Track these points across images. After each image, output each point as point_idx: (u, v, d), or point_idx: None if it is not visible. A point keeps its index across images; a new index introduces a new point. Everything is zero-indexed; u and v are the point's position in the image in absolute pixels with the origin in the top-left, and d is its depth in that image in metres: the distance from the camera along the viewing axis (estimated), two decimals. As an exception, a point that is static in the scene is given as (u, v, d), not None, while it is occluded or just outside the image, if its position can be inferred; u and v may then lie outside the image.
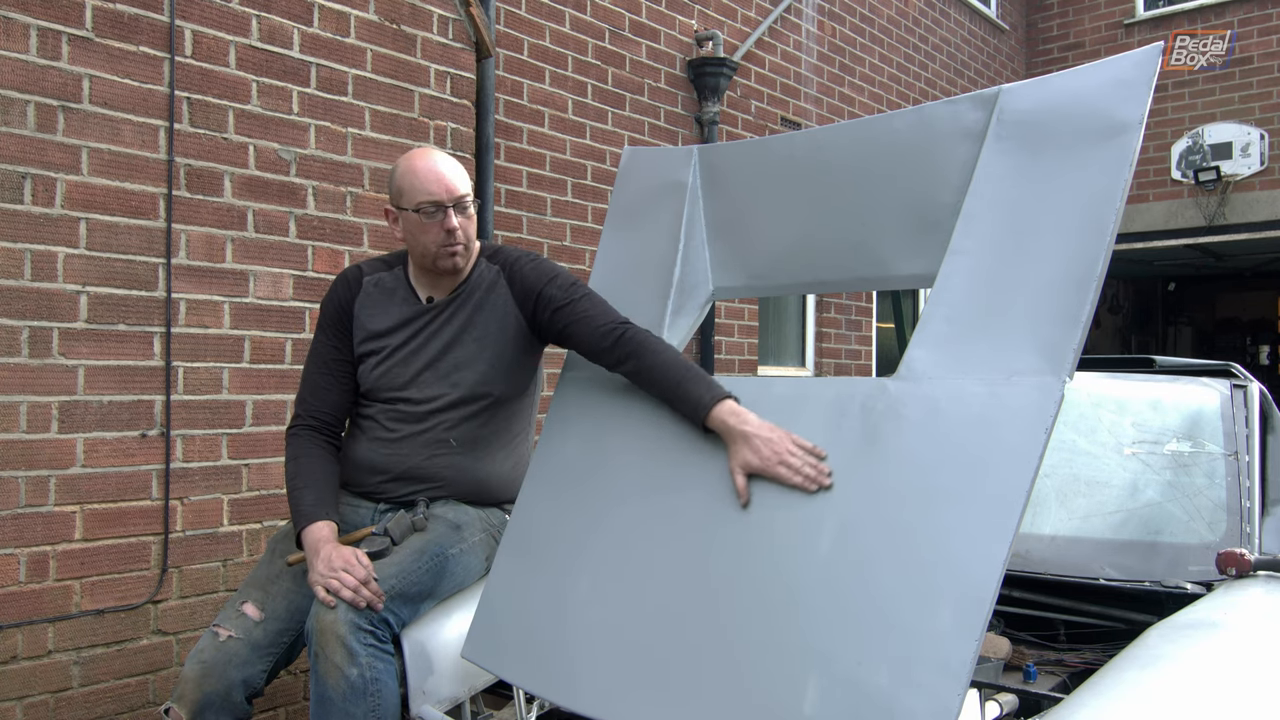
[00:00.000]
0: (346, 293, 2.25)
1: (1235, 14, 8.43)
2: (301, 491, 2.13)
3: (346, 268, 2.32)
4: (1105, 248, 1.53)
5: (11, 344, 2.73)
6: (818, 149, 2.03)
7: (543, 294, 2.15)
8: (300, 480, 2.15)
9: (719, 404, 1.83)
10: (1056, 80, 1.72)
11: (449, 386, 2.17)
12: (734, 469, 1.76)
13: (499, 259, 2.25)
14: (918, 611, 1.44)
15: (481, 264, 2.25)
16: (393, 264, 2.30)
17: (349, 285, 2.26)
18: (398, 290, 2.24)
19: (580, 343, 2.09)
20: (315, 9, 3.40)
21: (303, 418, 2.24)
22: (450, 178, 2.13)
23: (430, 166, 2.13)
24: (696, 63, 5.51)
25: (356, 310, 2.23)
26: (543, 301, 2.15)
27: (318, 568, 1.95)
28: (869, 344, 7.07)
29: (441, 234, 2.11)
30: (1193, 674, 1.60)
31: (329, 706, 1.85)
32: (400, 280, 2.26)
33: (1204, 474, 2.63)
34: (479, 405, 2.19)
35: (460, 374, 2.17)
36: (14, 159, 2.73)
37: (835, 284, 2.07)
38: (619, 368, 2.02)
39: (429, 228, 2.12)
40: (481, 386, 2.18)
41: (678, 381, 1.91)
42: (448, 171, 2.14)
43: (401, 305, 2.22)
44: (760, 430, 1.75)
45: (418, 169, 2.13)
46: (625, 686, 1.70)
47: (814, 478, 1.66)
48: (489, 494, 2.23)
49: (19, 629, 2.74)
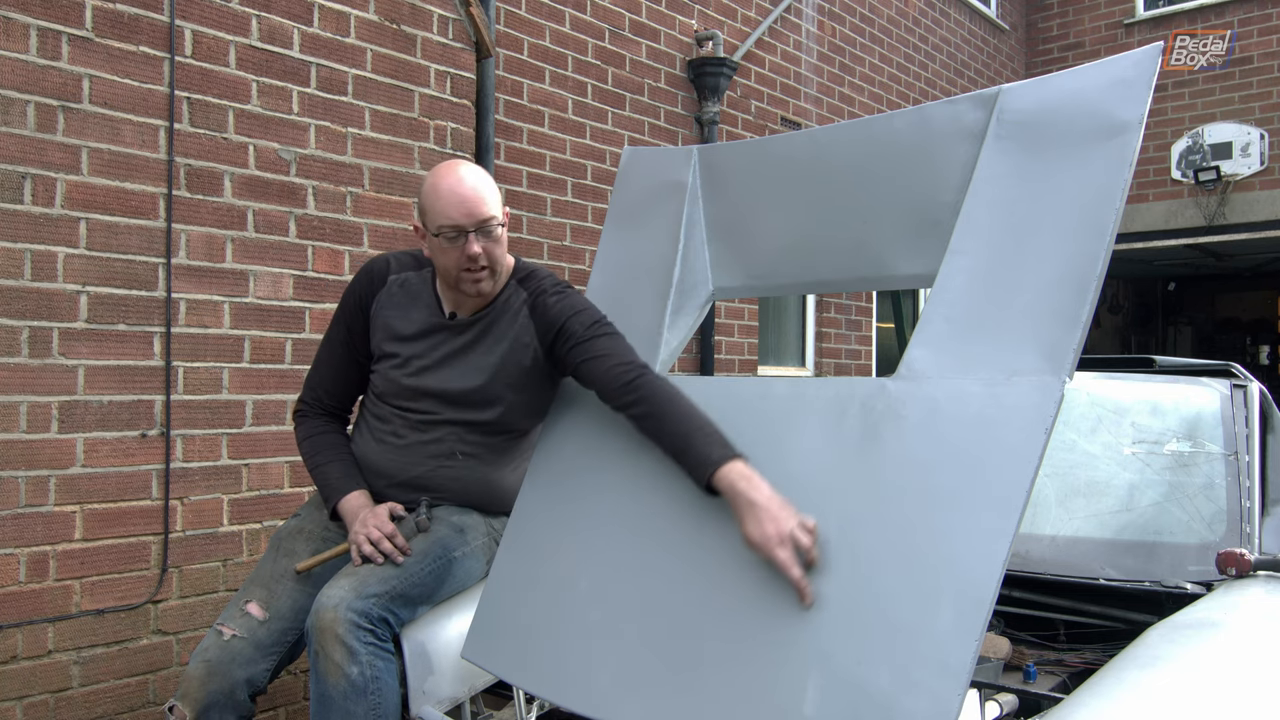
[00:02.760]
0: (369, 287, 2.19)
1: (1235, 14, 8.43)
2: (327, 467, 2.16)
3: (374, 258, 2.25)
4: (1105, 248, 1.53)
5: (11, 344, 2.73)
6: (818, 149, 2.03)
7: (564, 328, 2.06)
8: (322, 456, 2.18)
9: (727, 464, 1.70)
10: (1056, 80, 1.72)
11: (461, 407, 2.13)
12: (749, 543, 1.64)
13: (529, 285, 2.15)
14: (918, 611, 1.44)
15: (511, 286, 2.16)
16: (423, 264, 2.21)
17: (372, 280, 2.20)
18: (422, 296, 2.17)
19: (594, 380, 2.00)
20: (315, 9, 3.40)
21: (309, 403, 2.25)
22: (473, 201, 2.00)
23: (452, 188, 2.01)
24: (696, 63, 5.51)
25: (377, 307, 2.18)
26: (563, 336, 2.06)
27: (354, 528, 2.03)
28: (869, 344, 7.07)
29: (463, 259, 2.01)
30: (1193, 674, 1.60)
31: (329, 705, 1.85)
32: (427, 285, 2.18)
33: (1204, 474, 2.63)
34: (489, 427, 2.16)
35: (472, 398, 2.13)
36: (14, 159, 2.73)
37: (835, 284, 2.07)
38: (629, 410, 1.91)
39: (450, 252, 2.02)
40: (491, 411, 2.14)
41: (686, 434, 1.79)
42: (471, 194, 2.00)
43: (425, 313, 2.16)
44: (769, 504, 1.63)
45: (440, 190, 2.01)
46: (625, 686, 1.70)
47: (801, 587, 1.56)
48: (492, 503, 2.22)
49: (19, 629, 2.74)
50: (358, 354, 2.21)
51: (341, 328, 2.22)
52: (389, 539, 2.00)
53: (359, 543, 2.00)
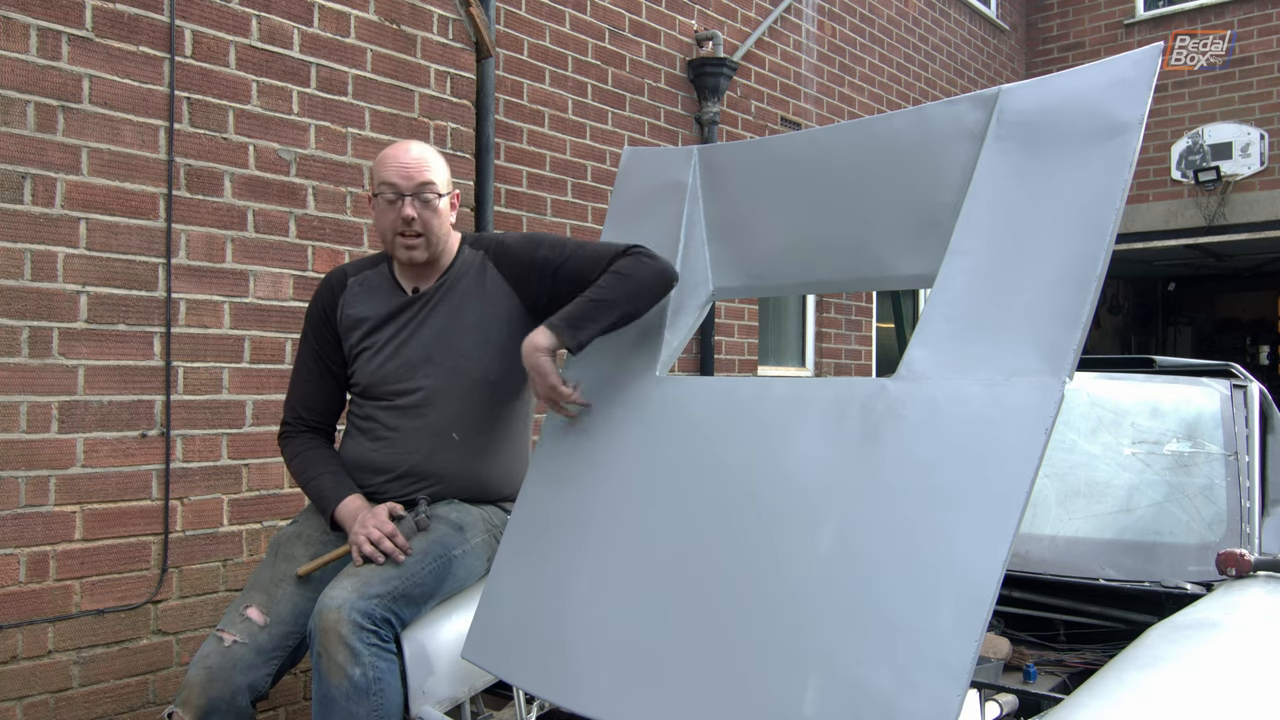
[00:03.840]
0: (329, 295, 2.26)
1: (1235, 14, 8.43)
2: (319, 480, 2.17)
3: (331, 271, 2.34)
4: (1105, 248, 1.53)
5: (11, 344, 2.73)
6: (818, 149, 2.03)
7: (535, 261, 2.16)
8: (312, 470, 2.19)
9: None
10: (1056, 80, 1.72)
11: (446, 374, 2.17)
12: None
13: (481, 244, 2.26)
14: (918, 612, 1.44)
15: (465, 251, 2.25)
16: (378, 261, 2.30)
17: (331, 288, 2.27)
18: (383, 285, 2.25)
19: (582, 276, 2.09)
20: (315, 9, 3.40)
21: (291, 422, 2.28)
22: (413, 166, 2.12)
23: (396, 154, 2.14)
24: (696, 63, 5.51)
25: (342, 310, 2.24)
26: (538, 268, 2.16)
27: (354, 529, 2.04)
28: (869, 344, 7.07)
29: (398, 221, 2.12)
30: (1193, 674, 1.60)
31: (332, 706, 1.85)
32: (385, 275, 2.26)
33: (1204, 474, 2.63)
34: (478, 392, 2.18)
35: (456, 360, 2.17)
36: (14, 159, 2.73)
37: (835, 284, 2.07)
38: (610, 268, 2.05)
39: (387, 214, 2.13)
40: (478, 371, 2.17)
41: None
42: (413, 160, 2.13)
43: (389, 299, 2.23)
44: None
45: (386, 155, 2.15)
46: (625, 686, 1.70)
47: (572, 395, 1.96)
48: (490, 489, 2.23)
49: (19, 629, 2.74)
50: (331, 364, 2.26)
51: (310, 342, 2.27)
52: (389, 538, 2.00)
53: (359, 543, 2.00)
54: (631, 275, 2.02)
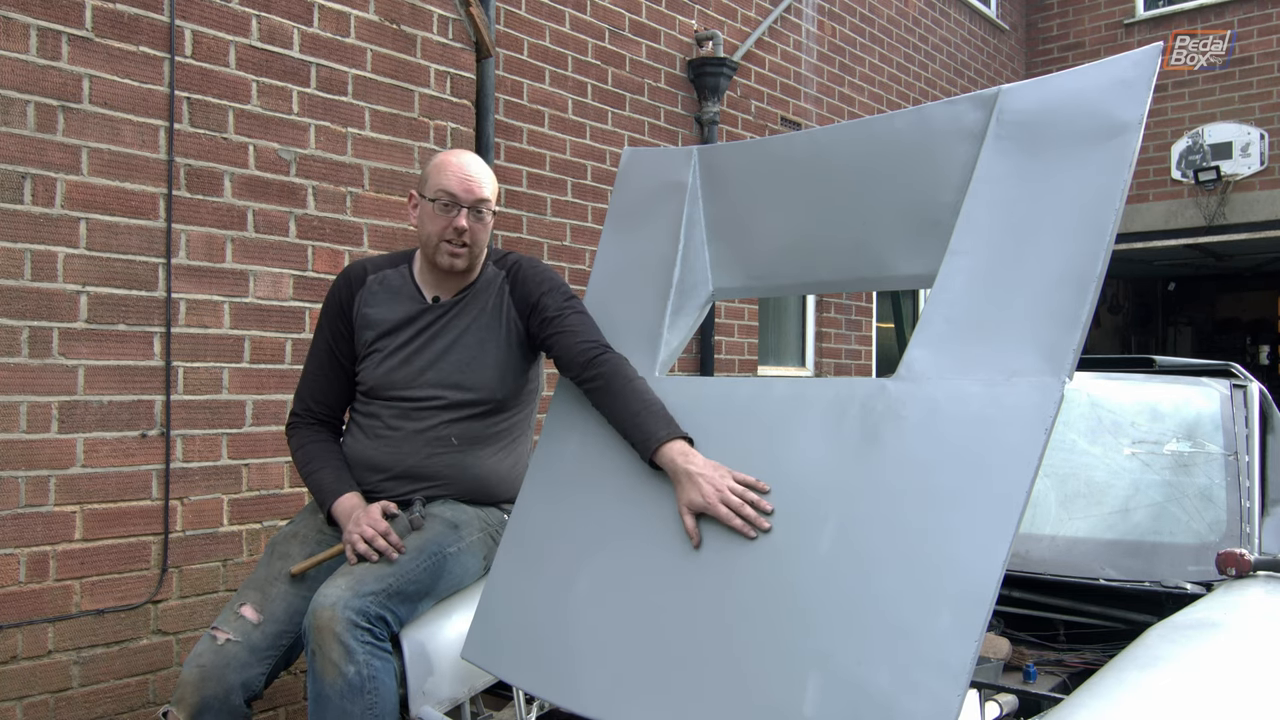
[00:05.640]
0: (348, 290, 2.27)
1: (1235, 14, 8.43)
2: (319, 473, 2.20)
3: (351, 264, 2.35)
4: (1105, 248, 1.53)
5: (11, 344, 2.73)
6: (818, 149, 2.03)
7: (538, 303, 2.19)
8: (315, 464, 2.21)
9: (671, 442, 1.82)
10: (1056, 80, 1.72)
11: (451, 387, 2.18)
12: (682, 510, 1.77)
13: (505, 264, 2.28)
14: (918, 612, 1.44)
15: (489, 268, 2.27)
16: (398, 262, 2.31)
17: (350, 283, 2.28)
18: (404, 288, 2.26)
19: (560, 354, 2.11)
20: (315, 9, 3.40)
21: (300, 414, 2.30)
22: (475, 180, 2.16)
23: (460, 164, 2.17)
24: (696, 63, 5.51)
25: (359, 307, 2.25)
26: (537, 310, 2.19)
27: (349, 528, 2.05)
28: (869, 344, 7.07)
29: (450, 230, 2.14)
30: (1193, 674, 1.60)
31: (326, 704, 1.85)
32: (406, 279, 2.27)
33: (1204, 474, 2.63)
34: (480, 407, 2.20)
35: (462, 375, 2.19)
36: (14, 159, 2.73)
37: (835, 284, 2.07)
38: (588, 385, 2.03)
39: (439, 219, 2.15)
40: (483, 389, 2.19)
41: (636, 412, 1.90)
42: (474, 174, 2.17)
43: (407, 303, 2.24)
44: (704, 470, 1.75)
45: (449, 163, 2.18)
46: (625, 687, 1.70)
47: (753, 520, 1.68)
48: (488, 493, 2.24)
49: (19, 629, 2.74)
50: (343, 358, 2.27)
51: (325, 334, 2.28)
52: (382, 536, 2.01)
53: (353, 541, 2.02)
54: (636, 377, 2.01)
